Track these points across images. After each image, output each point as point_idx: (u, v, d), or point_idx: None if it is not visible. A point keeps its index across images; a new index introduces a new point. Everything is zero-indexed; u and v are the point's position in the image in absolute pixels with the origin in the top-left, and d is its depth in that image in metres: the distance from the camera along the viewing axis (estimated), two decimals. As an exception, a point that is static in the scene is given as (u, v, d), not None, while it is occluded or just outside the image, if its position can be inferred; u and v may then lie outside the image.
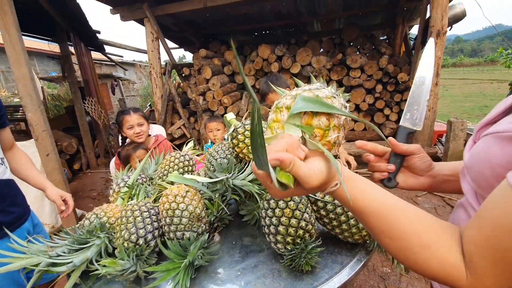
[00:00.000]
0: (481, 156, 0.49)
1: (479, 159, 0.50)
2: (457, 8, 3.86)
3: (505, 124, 0.47)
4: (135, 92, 15.41)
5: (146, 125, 2.02)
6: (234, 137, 1.08)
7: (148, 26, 4.57)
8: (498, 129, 0.48)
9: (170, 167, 1.30)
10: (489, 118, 0.56)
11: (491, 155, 0.47)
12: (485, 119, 0.58)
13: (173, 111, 5.25)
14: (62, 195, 1.48)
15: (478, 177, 0.50)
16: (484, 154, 0.49)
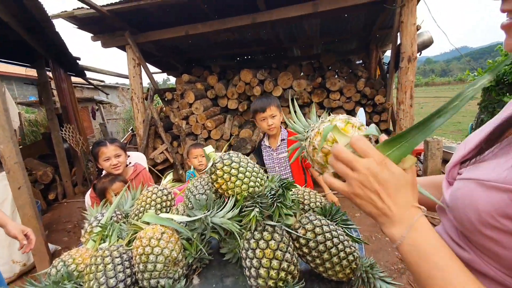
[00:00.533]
0: (465, 201, 0.50)
1: (464, 204, 0.50)
2: (424, 35, 4.15)
3: (488, 171, 0.48)
4: (118, 115, 15.16)
5: (124, 156, 1.95)
6: (213, 172, 1.06)
7: (129, 52, 4.58)
8: (480, 177, 0.48)
9: (147, 204, 1.25)
10: (461, 156, 0.57)
11: (476, 202, 0.47)
12: (456, 158, 0.58)
13: (156, 136, 5.17)
14: (23, 230, 1.39)
15: (462, 220, 0.51)
16: (469, 200, 0.49)
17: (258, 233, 0.89)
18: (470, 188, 0.49)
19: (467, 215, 0.49)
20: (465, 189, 0.50)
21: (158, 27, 4.45)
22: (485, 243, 0.48)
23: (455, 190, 0.53)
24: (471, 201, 0.48)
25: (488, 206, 0.45)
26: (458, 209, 0.51)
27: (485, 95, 4.70)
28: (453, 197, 0.53)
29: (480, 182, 0.48)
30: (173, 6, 3.86)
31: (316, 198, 1.22)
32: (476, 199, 0.47)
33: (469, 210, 0.48)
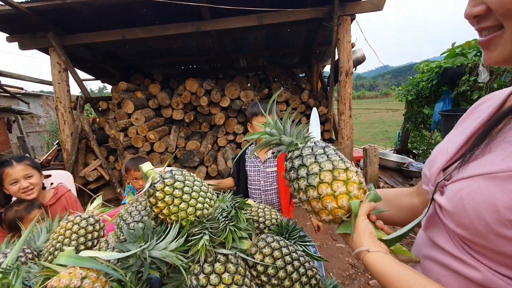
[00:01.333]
0: (476, 199, 0.44)
1: (474, 203, 0.45)
2: (358, 53, 4.58)
3: (491, 164, 0.44)
4: (41, 127, 13.15)
5: (38, 176, 1.59)
6: (151, 194, 0.88)
7: (54, 56, 4.00)
8: (486, 171, 0.44)
9: (66, 237, 1.00)
10: (444, 162, 0.56)
11: (491, 197, 0.42)
12: (439, 164, 0.57)
13: (87, 150, 4.56)
14: None
15: (474, 222, 0.45)
16: (480, 197, 0.44)
17: (209, 265, 0.75)
18: (478, 185, 0.45)
19: (480, 216, 0.44)
20: (471, 188, 0.46)
21: (90, 29, 3.98)
22: (502, 247, 0.43)
23: (455, 192, 0.49)
24: (483, 199, 0.43)
25: (508, 200, 0.40)
26: (467, 211, 0.46)
27: (408, 107, 5.37)
28: (455, 201, 0.48)
29: (490, 176, 0.43)
30: (106, 7, 3.50)
31: (272, 214, 1.14)
32: (490, 195, 0.42)
33: (483, 209, 0.43)
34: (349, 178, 0.62)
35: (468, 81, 3.92)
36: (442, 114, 3.92)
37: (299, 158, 0.69)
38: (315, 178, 0.63)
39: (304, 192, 0.66)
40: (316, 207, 0.64)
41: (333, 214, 0.62)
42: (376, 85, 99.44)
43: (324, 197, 0.62)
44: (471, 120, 0.59)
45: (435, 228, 0.57)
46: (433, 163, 0.59)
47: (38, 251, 1.11)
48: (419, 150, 5.70)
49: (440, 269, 0.54)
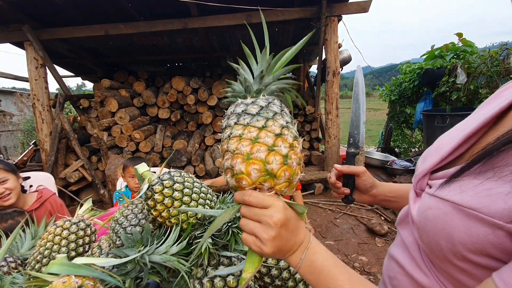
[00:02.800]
0: (437, 225, 0.43)
1: (435, 228, 0.43)
2: (344, 53, 4.66)
3: (468, 194, 0.40)
4: (14, 126, 12.43)
5: (14, 179, 1.47)
6: (150, 197, 0.85)
7: (30, 51, 3.79)
8: (458, 200, 0.40)
9: (55, 244, 0.95)
10: (432, 164, 0.50)
11: (451, 230, 0.41)
12: (427, 166, 0.51)
13: (68, 150, 4.36)
14: None
15: (431, 244, 0.45)
16: (442, 225, 0.42)
17: (213, 269, 0.74)
18: (444, 212, 0.42)
19: (437, 241, 0.43)
20: (438, 211, 0.43)
21: (71, 24, 3.80)
22: (453, 272, 0.43)
23: (425, 208, 0.46)
24: (444, 227, 0.42)
25: (465, 238, 0.39)
26: (427, 232, 0.45)
27: (391, 107, 5.53)
28: (422, 217, 0.47)
29: (458, 207, 0.40)
30: (87, 1, 3.35)
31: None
32: (451, 226, 0.41)
33: (440, 236, 0.42)
34: (276, 146, 0.49)
35: (447, 82, 4.09)
36: (424, 114, 4.07)
37: (235, 115, 0.54)
38: (241, 130, 0.51)
39: (226, 143, 0.53)
40: (225, 162, 0.52)
41: (236, 180, 0.50)
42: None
43: (237, 154, 0.49)
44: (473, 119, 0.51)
45: (405, 226, 0.56)
46: (425, 159, 0.54)
47: (22, 260, 1.05)
48: (401, 148, 5.90)
49: (398, 269, 0.55)
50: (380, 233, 2.91)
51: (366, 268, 2.39)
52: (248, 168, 0.48)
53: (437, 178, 0.48)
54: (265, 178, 0.48)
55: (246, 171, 0.48)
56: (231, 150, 0.50)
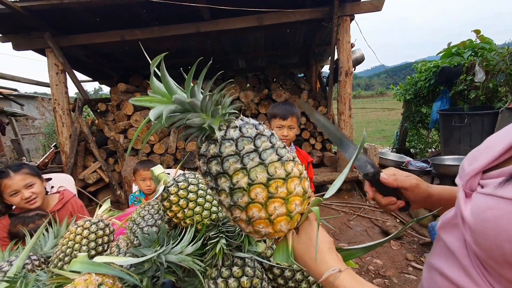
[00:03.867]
0: (500, 226, 0.40)
1: (497, 230, 0.40)
2: (357, 53, 4.60)
3: None
4: (36, 129, 12.99)
5: (39, 184, 1.54)
6: (165, 198, 0.87)
7: (51, 57, 3.96)
8: None
9: (76, 243, 0.98)
10: (485, 163, 0.47)
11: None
12: (479, 164, 0.48)
13: (86, 153, 4.52)
14: None
15: (490, 248, 0.41)
16: (506, 225, 0.39)
17: (227, 269, 0.75)
18: (507, 212, 0.39)
19: (499, 244, 0.39)
20: (500, 212, 0.40)
21: (88, 30, 3.94)
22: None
23: (483, 209, 0.43)
24: (508, 229, 0.38)
25: None
26: (487, 234, 0.41)
27: (406, 106, 5.40)
28: (479, 218, 0.43)
29: None
30: (104, 8, 3.46)
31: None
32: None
33: (503, 239, 0.39)
34: (291, 192, 0.46)
35: (465, 80, 3.96)
36: (440, 113, 3.96)
37: (217, 160, 0.47)
38: (243, 196, 0.45)
39: (228, 210, 0.49)
40: (245, 229, 0.49)
41: (268, 237, 0.49)
42: (372, 85, 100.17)
43: (256, 222, 0.46)
44: None
45: (452, 230, 0.51)
46: (476, 159, 0.50)
47: (46, 258, 1.10)
48: (417, 149, 5.74)
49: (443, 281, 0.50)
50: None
51: (381, 272, 2.34)
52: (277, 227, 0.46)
53: (491, 177, 0.45)
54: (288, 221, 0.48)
55: (274, 229, 0.47)
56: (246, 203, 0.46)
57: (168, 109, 0.49)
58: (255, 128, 0.49)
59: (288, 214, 0.46)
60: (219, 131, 0.48)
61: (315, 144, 4.97)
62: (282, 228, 0.46)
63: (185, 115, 0.50)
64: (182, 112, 0.51)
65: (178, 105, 0.50)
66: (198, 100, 0.50)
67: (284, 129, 1.75)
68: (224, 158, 0.46)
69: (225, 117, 0.50)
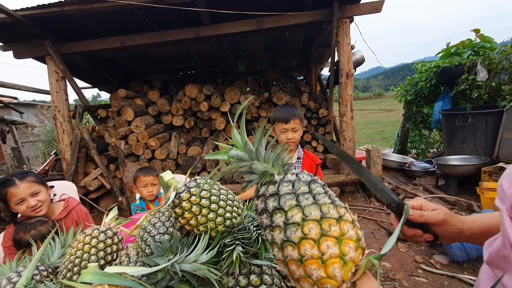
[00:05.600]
0: None
1: None
2: (357, 54, 4.60)
3: None
4: (36, 137, 12.94)
5: (45, 191, 1.52)
6: (177, 205, 0.85)
7: (51, 64, 3.94)
8: None
9: (85, 252, 0.95)
10: None
11: None
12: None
13: (87, 159, 4.48)
14: None
15: None
16: None
17: (244, 278, 0.72)
18: None
19: None
20: None
21: (87, 37, 3.94)
22: None
23: None
24: None
25: None
26: None
27: (407, 107, 5.40)
28: None
29: None
30: (104, 14, 3.46)
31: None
32: None
33: None
34: (344, 233, 0.45)
35: (467, 80, 3.96)
36: (443, 113, 3.95)
37: (274, 197, 0.51)
38: (296, 230, 0.46)
39: (280, 248, 0.48)
40: (296, 272, 0.46)
41: (319, 286, 0.44)
42: (370, 86, 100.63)
43: (308, 261, 0.44)
44: None
45: (504, 267, 0.45)
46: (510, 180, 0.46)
47: (53, 268, 1.07)
48: (419, 149, 5.74)
49: None
50: (403, 238, 2.81)
51: (390, 275, 2.31)
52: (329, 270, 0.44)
53: None
54: None
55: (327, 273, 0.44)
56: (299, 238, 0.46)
57: (241, 155, 0.61)
58: (310, 176, 0.55)
59: (341, 257, 0.44)
60: (278, 175, 0.56)
61: (317, 146, 4.95)
62: (335, 272, 0.43)
63: (250, 162, 0.59)
64: (248, 159, 0.60)
65: (247, 153, 0.61)
66: (263, 151, 0.60)
67: (288, 132, 1.74)
68: (281, 196, 0.50)
69: (283, 168, 0.58)
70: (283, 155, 0.59)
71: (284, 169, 0.58)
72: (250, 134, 4.91)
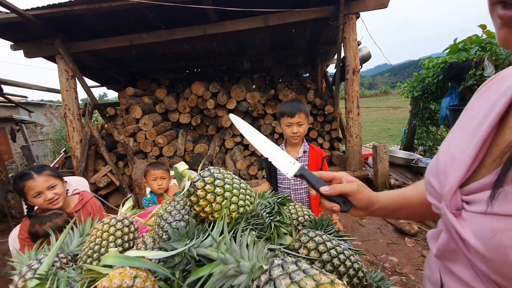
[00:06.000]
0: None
1: None
2: (364, 50, 4.59)
3: None
4: (45, 136, 13.19)
5: (61, 185, 1.57)
6: (192, 193, 0.88)
7: (61, 63, 4.02)
8: None
9: (104, 240, 1.00)
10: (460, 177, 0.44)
11: None
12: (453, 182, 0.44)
13: (96, 157, 4.57)
14: None
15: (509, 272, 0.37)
16: None
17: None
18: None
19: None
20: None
21: (94, 36, 4.01)
22: None
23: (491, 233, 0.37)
24: None
25: None
26: (507, 262, 0.36)
27: (414, 103, 5.36)
28: (492, 244, 0.37)
29: None
30: (113, 13, 3.52)
31: (304, 211, 1.14)
32: None
33: None
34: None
35: (475, 75, 3.92)
36: (451, 109, 3.92)
37: (269, 283, 0.55)
38: None
39: None
40: None
41: None
42: (376, 84, 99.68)
43: None
44: (479, 116, 0.47)
45: (454, 259, 0.46)
46: (444, 174, 0.47)
47: (72, 256, 1.12)
48: (426, 146, 5.69)
49: None
50: (410, 233, 2.82)
51: (398, 269, 2.32)
52: None
53: (472, 192, 0.41)
54: None
55: None
56: None
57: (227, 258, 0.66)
58: (293, 257, 0.61)
59: None
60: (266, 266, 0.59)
61: (323, 143, 4.96)
62: None
63: (235, 264, 0.64)
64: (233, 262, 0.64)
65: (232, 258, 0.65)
66: (246, 250, 0.66)
67: (293, 127, 1.76)
68: (275, 279, 0.54)
69: (268, 258, 0.64)
70: (265, 248, 0.66)
71: (269, 259, 0.63)
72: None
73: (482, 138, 0.42)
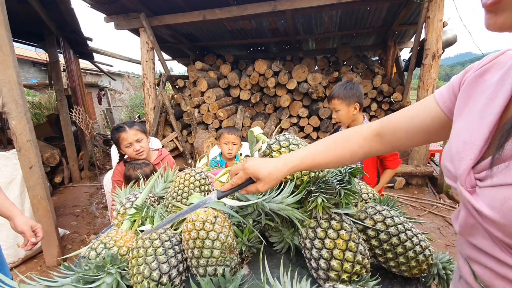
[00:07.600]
0: None
1: None
2: (449, 33, 4.03)
3: None
4: (122, 102, 15.03)
5: (146, 140, 1.85)
6: (267, 154, 0.97)
7: (143, 36, 4.46)
8: None
9: (186, 186, 1.16)
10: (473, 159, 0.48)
11: None
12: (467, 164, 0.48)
13: (166, 123, 5.07)
14: (33, 226, 1.27)
15: None
16: None
17: (325, 222, 0.81)
18: None
19: None
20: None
21: (173, 11, 4.31)
22: None
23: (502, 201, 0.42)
24: None
25: None
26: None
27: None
28: (504, 211, 0.42)
29: None
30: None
31: (368, 188, 1.14)
32: None
33: None
34: None
35: None
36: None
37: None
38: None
39: None
40: None
41: None
42: (454, 74, 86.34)
43: None
44: (483, 99, 0.51)
45: (474, 233, 0.50)
46: (458, 157, 0.51)
47: (158, 197, 1.33)
48: None
49: (490, 274, 0.48)
50: None
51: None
52: None
53: (483, 169, 0.46)
54: None
55: None
56: None
57: None
58: None
59: None
60: None
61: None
62: None
63: None
64: None
65: None
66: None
67: (334, 112, 1.86)
68: None
69: None
70: None
71: None
72: (315, 114, 4.86)
73: (493, 120, 0.47)
